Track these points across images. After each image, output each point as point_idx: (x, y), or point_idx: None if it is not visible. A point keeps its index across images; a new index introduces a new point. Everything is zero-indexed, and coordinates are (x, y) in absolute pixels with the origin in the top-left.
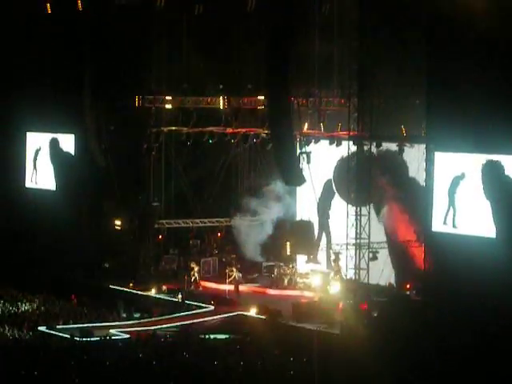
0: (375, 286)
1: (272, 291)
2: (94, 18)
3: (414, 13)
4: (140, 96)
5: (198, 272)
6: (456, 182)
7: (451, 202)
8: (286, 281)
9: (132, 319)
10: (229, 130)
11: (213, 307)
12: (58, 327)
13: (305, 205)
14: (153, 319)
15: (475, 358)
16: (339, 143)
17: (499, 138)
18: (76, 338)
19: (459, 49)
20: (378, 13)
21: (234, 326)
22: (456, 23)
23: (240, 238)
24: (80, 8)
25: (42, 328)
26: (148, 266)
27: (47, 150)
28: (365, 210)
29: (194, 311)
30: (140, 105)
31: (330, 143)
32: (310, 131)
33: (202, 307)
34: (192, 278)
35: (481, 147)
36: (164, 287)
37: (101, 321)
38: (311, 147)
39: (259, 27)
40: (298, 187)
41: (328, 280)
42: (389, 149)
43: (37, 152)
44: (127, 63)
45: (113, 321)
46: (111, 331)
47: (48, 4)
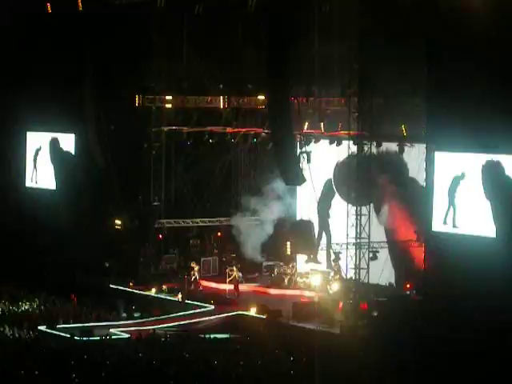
0: (375, 286)
1: (272, 291)
2: (95, 18)
3: (414, 12)
4: (140, 96)
5: (198, 271)
6: (456, 182)
7: (451, 202)
8: (286, 280)
9: (132, 319)
10: (229, 130)
11: (213, 307)
12: (58, 327)
13: (305, 204)
14: (153, 319)
15: (475, 357)
16: (339, 143)
17: (499, 138)
18: (76, 338)
19: (459, 48)
20: (378, 13)
21: (234, 326)
22: (456, 23)
23: (240, 238)
24: (80, 8)
25: (42, 327)
26: (148, 266)
27: (47, 150)
28: (365, 210)
29: (194, 311)
30: (140, 104)
31: (330, 143)
32: (310, 131)
33: (202, 307)
34: (192, 278)
35: (481, 147)
36: (164, 287)
37: (101, 320)
38: (311, 147)
39: (259, 27)
40: (299, 187)
41: (328, 280)
42: (389, 148)
43: (37, 151)
44: (127, 63)
45: (113, 320)
46: (111, 331)
47: (48, 4)
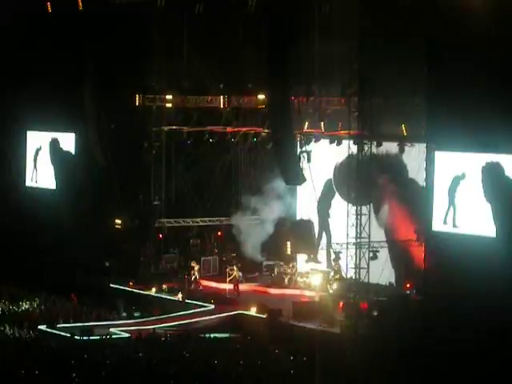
0: (375, 286)
1: (272, 290)
2: (95, 18)
3: (414, 12)
4: (140, 95)
5: (199, 271)
6: (456, 182)
7: (451, 202)
8: (287, 280)
9: (132, 318)
10: (229, 129)
11: (213, 306)
12: (59, 326)
13: (305, 204)
14: (153, 318)
15: (475, 357)
16: (339, 142)
17: (499, 138)
18: (76, 337)
19: (459, 48)
20: (378, 13)
21: (234, 325)
22: (456, 23)
23: (240, 237)
24: (80, 7)
25: (43, 327)
26: (148, 265)
27: (48, 150)
28: (365, 210)
29: (194, 310)
30: (140, 104)
31: (331, 142)
32: (311, 130)
33: (202, 306)
34: (192, 277)
35: (481, 146)
36: (164, 286)
37: (101, 320)
38: (311, 146)
39: (259, 27)
40: (299, 186)
41: (328, 279)
42: (389, 148)
43: (37, 151)
44: (127, 62)
45: (113, 320)
46: (111, 330)
47: (48, 3)
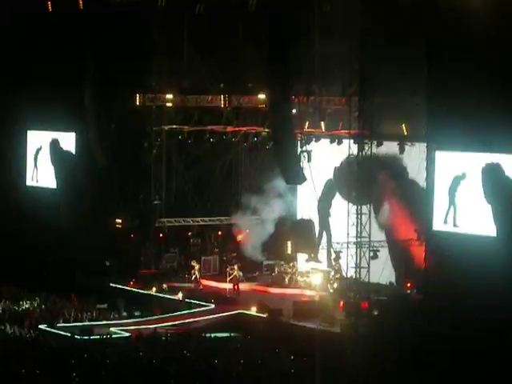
0: (376, 285)
1: (273, 290)
2: (95, 17)
3: (414, 12)
4: (141, 94)
5: (199, 270)
6: (457, 182)
7: (452, 201)
8: (287, 279)
9: (132, 317)
10: (229, 129)
11: (213, 306)
12: (59, 325)
13: (306, 203)
14: (153, 318)
15: (476, 356)
16: (340, 142)
17: (499, 137)
18: (76, 337)
19: (459, 48)
20: (379, 13)
21: (235, 325)
22: (456, 23)
23: (241, 237)
24: (81, 7)
25: (43, 326)
26: (149, 265)
27: (48, 150)
28: (365, 209)
29: (195, 310)
30: (141, 103)
31: (331, 142)
32: (311, 130)
33: (203, 306)
34: (193, 277)
35: (481, 146)
36: (165, 286)
37: (101, 319)
38: (312, 146)
39: (260, 26)
40: (299, 186)
41: (329, 279)
42: (389, 148)
43: (37, 151)
44: (128, 62)
45: (113, 319)
46: (112, 329)
47: (49, 3)
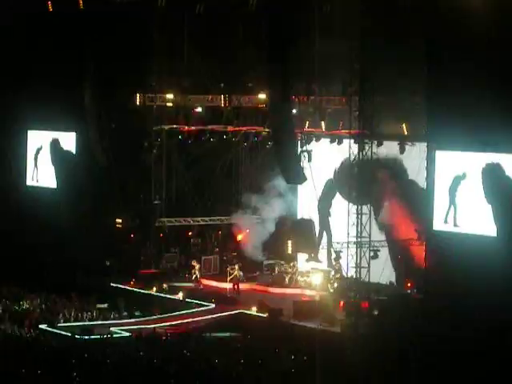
0: (376, 285)
1: (273, 289)
2: (95, 17)
3: (414, 12)
4: (141, 94)
5: (199, 270)
6: (457, 181)
7: (452, 201)
8: (287, 279)
9: (133, 317)
10: (230, 129)
11: (213, 305)
12: (59, 325)
13: (306, 203)
14: (153, 317)
15: (476, 356)
16: (340, 141)
17: (500, 137)
18: (77, 336)
19: (459, 48)
20: (379, 13)
21: (235, 324)
22: (456, 23)
23: (241, 237)
24: (81, 6)
25: (43, 326)
26: (149, 264)
27: (48, 150)
28: (366, 209)
29: (195, 309)
30: (141, 103)
31: (331, 141)
32: (311, 129)
33: (203, 305)
34: (193, 276)
35: (482, 146)
36: (165, 285)
37: (102, 319)
38: (312, 145)
39: (260, 26)
40: (300, 185)
41: (329, 278)
42: (390, 147)
43: (38, 150)
44: (128, 61)
45: (114, 319)
46: (112, 329)
47: (49, 2)
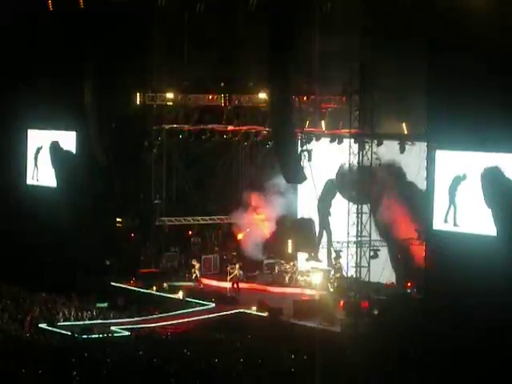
0: (376, 284)
1: (273, 289)
2: (96, 16)
3: (414, 12)
4: (141, 93)
5: (199, 269)
6: (457, 181)
7: (452, 201)
8: (287, 278)
9: (133, 317)
10: (230, 128)
11: (214, 305)
12: (59, 325)
13: (306, 202)
14: (153, 316)
15: (476, 355)
16: (340, 141)
17: (500, 137)
18: (77, 336)
19: (459, 48)
20: (379, 12)
21: (235, 324)
22: (456, 23)
23: (241, 236)
24: (82, 5)
25: (43, 325)
26: (149, 264)
27: (48, 150)
28: (366, 208)
29: (195, 309)
30: (141, 102)
31: (331, 141)
32: (311, 129)
33: (203, 305)
34: (193, 276)
35: (482, 145)
36: (165, 285)
37: (101, 318)
38: (312, 145)
39: (260, 25)
40: (300, 185)
41: (329, 278)
42: (390, 147)
43: (38, 150)
44: (128, 61)
45: (113, 318)
46: (112, 328)
47: (49, 1)
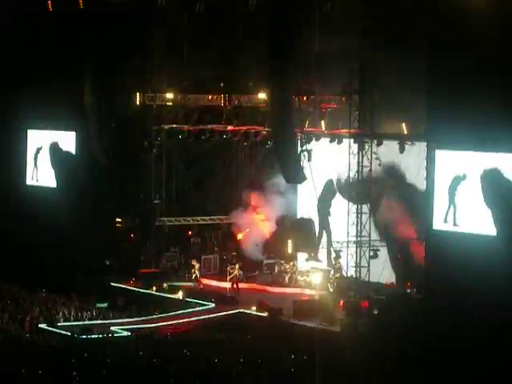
0: (376, 284)
1: (273, 289)
2: (95, 16)
3: (414, 12)
4: (141, 94)
5: (199, 269)
6: (457, 181)
7: (452, 200)
8: (287, 278)
9: (133, 317)
10: (230, 128)
11: (213, 305)
12: (59, 325)
13: (306, 202)
14: (153, 317)
15: (476, 355)
16: (340, 141)
17: (500, 137)
18: (77, 336)
19: (459, 47)
20: (379, 12)
21: (235, 324)
22: (456, 21)
23: (241, 236)
24: (81, 6)
25: (43, 326)
26: (149, 264)
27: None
28: (365, 208)
29: (195, 309)
30: (141, 103)
31: (331, 141)
32: (311, 129)
33: (203, 305)
34: (193, 276)
35: (482, 145)
36: (165, 285)
37: (101, 318)
38: (312, 145)
39: (260, 25)
40: (299, 185)
41: (329, 278)
42: (390, 147)
43: (38, 150)
44: (128, 61)
45: (113, 318)
46: (112, 329)
47: (49, 2)
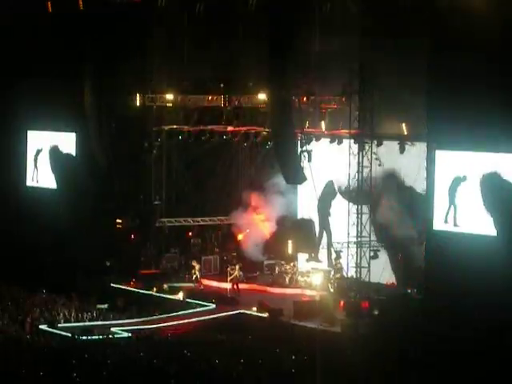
0: (376, 285)
1: (273, 289)
2: (95, 17)
3: (414, 12)
4: (141, 94)
5: (199, 270)
6: (457, 181)
7: (452, 201)
8: (287, 279)
9: (133, 318)
10: (230, 129)
11: (214, 305)
12: (59, 326)
13: (306, 203)
14: (154, 318)
15: (476, 356)
16: (340, 141)
17: (500, 136)
18: (77, 337)
19: (459, 47)
20: (379, 11)
21: (236, 325)
22: (457, 21)
23: (241, 236)
24: (81, 7)
25: (43, 326)
26: (149, 265)
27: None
28: (366, 209)
29: (195, 309)
30: (141, 103)
31: (331, 141)
32: (311, 129)
33: (203, 305)
34: (193, 277)
35: (482, 146)
36: (165, 286)
37: (102, 319)
38: (312, 145)
39: (260, 26)
40: (300, 185)
41: (329, 278)
42: (390, 147)
43: (38, 152)
44: (128, 62)
45: (114, 319)
46: (112, 330)
47: (49, 3)
